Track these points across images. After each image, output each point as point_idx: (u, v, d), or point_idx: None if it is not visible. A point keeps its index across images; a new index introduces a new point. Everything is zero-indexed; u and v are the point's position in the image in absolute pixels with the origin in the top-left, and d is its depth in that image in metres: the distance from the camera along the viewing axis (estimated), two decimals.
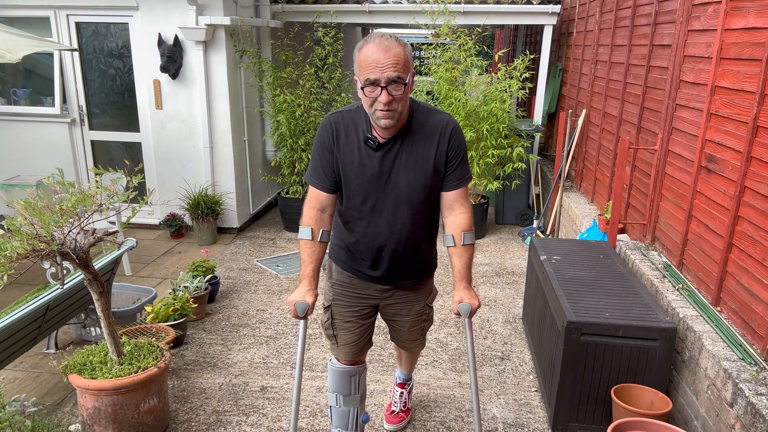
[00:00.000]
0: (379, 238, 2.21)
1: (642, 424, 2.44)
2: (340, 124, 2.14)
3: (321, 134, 2.15)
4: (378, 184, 2.12)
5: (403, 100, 1.97)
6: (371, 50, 1.91)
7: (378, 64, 1.89)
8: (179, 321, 3.65)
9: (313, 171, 2.18)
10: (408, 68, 1.95)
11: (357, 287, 2.38)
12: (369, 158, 2.10)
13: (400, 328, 2.51)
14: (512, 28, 9.93)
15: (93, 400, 2.65)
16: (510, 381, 3.41)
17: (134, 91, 5.78)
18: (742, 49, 2.69)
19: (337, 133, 2.12)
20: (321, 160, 2.15)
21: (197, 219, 5.60)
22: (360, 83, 1.97)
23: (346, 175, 2.14)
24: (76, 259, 2.47)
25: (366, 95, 1.95)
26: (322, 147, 2.15)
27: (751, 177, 2.56)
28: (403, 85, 1.93)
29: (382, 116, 1.97)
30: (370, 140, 2.08)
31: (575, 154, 5.63)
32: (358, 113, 2.13)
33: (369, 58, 1.91)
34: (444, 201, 2.21)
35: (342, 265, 2.38)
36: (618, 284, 3.11)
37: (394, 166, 2.11)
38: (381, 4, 6.39)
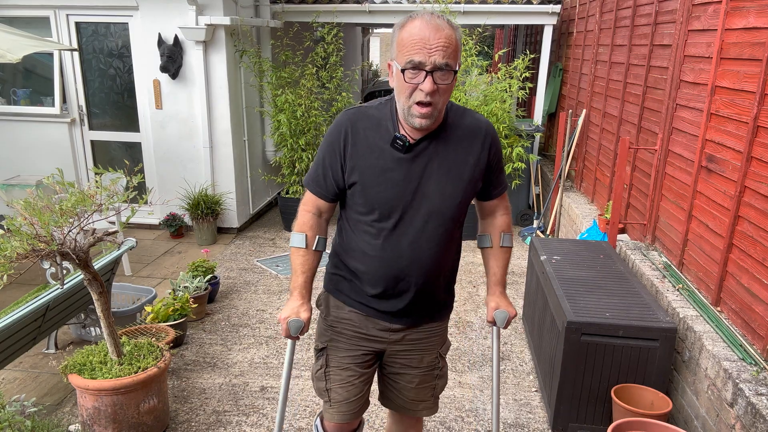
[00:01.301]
0: (400, 262, 1.79)
1: (642, 424, 2.44)
2: (358, 122, 1.77)
3: (332, 133, 1.79)
4: (404, 194, 1.74)
5: (446, 94, 1.65)
6: (418, 27, 1.58)
7: (426, 45, 1.56)
8: (179, 321, 3.65)
9: (315, 176, 1.84)
10: (458, 56, 1.63)
11: (361, 326, 1.93)
12: (395, 162, 1.73)
13: (407, 384, 2.03)
14: (512, 28, 9.93)
15: (93, 400, 2.65)
16: (510, 381, 3.41)
17: (134, 91, 5.77)
18: (743, 49, 2.69)
19: (353, 133, 1.76)
20: (326, 164, 1.80)
21: (197, 219, 5.59)
22: (398, 66, 1.62)
23: (363, 183, 1.75)
24: (76, 259, 2.47)
25: (406, 80, 1.60)
26: (330, 149, 1.78)
27: (752, 177, 2.56)
28: (451, 74, 1.61)
29: (419, 114, 1.63)
30: (399, 140, 1.71)
31: (575, 154, 5.63)
32: (382, 110, 1.79)
33: (415, 36, 1.57)
34: (484, 209, 1.98)
35: (343, 299, 1.94)
36: (618, 284, 3.11)
37: (426, 172, 1.74)
38: (381, 4, 6.39)
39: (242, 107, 5.93)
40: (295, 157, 5.93)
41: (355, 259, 1.86)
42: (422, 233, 1.77)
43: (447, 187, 1.76)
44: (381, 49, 22.87)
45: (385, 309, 1.88)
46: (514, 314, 1.99)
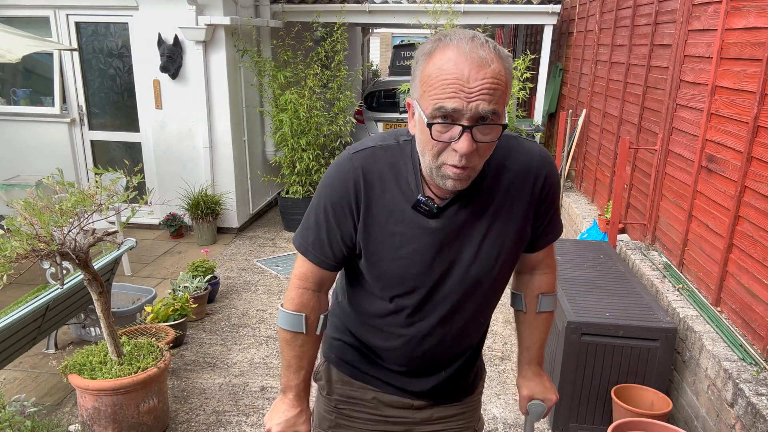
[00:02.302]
0: (427, 341, 1.39)
1: (642, 424, 2.43)
2: (372, 171, 1.26)
3: (335, 187, 1.28)
4: (432, 268, 1.30)
5: (489, 152, 1.17)
6: (454, 61, 1.07)
7: (464, 86, 1.07)
8: (179, 321, 3.64)
9: (315, 240, 1.33)
10: (507, 101, 1.14)
11: (376, 407, 1.50)
12: (420, 229, 1.27)
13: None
14: (512, 28, 9.93)
15: (93, 401, 2.65)
16: (510, 381, 3.41)
17: (134, 91, 5.77)
18: (743, 49, 2.69)
19: (366, 187, 1.26)
20: (330, 225, 1.30)
21: (197, 219, 5.59)
22: (422, 114, 1.12)
23: (378, 253, 1.30)
24: (76, 259, 2.47)
25: (433, 136, 1.11)
26: (335, 208, 1.28)
27: (752, 177, 2.56)
28: (498, 129, 1.12)
29: (453, 175, 1.15)
30: (423, 206, 1.25)
31: (575, 154, 5.63)
32: (399, 155, 1.28)
33: (448, 74, 1.07)
34: (526, 262, 1.51)
35: (349, 371, 1.51)
36: (618, 284, 3.11)
37: (460, 240, 1.29)
38: (381, 4, 6.39)
39: (242, 107, 5.93)
40: (296, 157, 5.93)
41: (367, 331, 1.44)
42: (456, 308, 1.35)
43: (489, 255, 1.31)
44: (381, 49, 22.88)
45: (407, 387, 1.47)
46: (554, 401, 1.58)
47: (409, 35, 19.36)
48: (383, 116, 8.48)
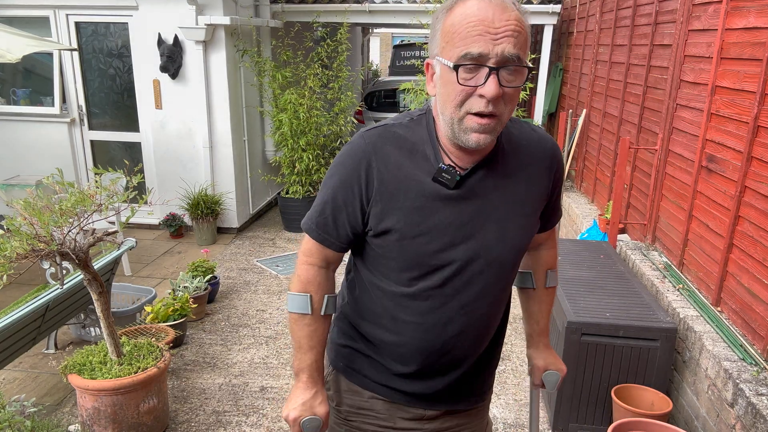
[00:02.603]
0: (448, 330, 1.31)
1: (642, 424, 2.43)
2: (384, 147, 1.25)
3: (345, 164, 1.27)
4: (455, 244, 1.26)
5: (513, 102, 1.17)
6: (477, 6, 1.10)
7: (489, 28, 1.08)
8: (179, 321, 3.64)
9: (320, 219, 1.31)
10: (527, 50, 1.16)
11: (387, 418, 1.43)
12: (442, 202, 1.24)
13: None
14: None
15: (92, 401, 2.65)
16: (510, 381, 3.41)
17: (134, 91, 5.77)
18: (743, 49, 2.69)
19: (379, 164, 1.24)
20: (338, 204, 1.28)
21: (197, 219, 5.59)
22: (446, 63, 1.13)
23: (396, 231, 1.25)
24: (76, 259, 2.46)
25: (460, 81, 1.11)
26: (344, 184, 1.27)
27: (752, 177, 2.56)
28: (524, 72, 1.14)
29: (477, 126, 1.14)
30: (445, 174, 1.22)
31: (575, 154, 5.63)
32: (416, 130, 1.27)
33: (472, 18, 1.09)
34: (535, 240, 1.48)
35: (361, 381, 1.45)
36: (618, 284, 3.11)
37: (482, 212, 1.26)
38: (381, 4, 6.39)
39: (242, 107, 5.93)
40: (296, 157, 5.93)
41: (379, 326, 1.37)
42: (479, 292, 1.30)
43: (510, 230, 1.28)
44: (381, 49, 22.87)
45: (418, 391, 1.40)
46: (565, 372, 1.64)
47: (409, 35, 19.36)
48: (383, 116, 8.49)
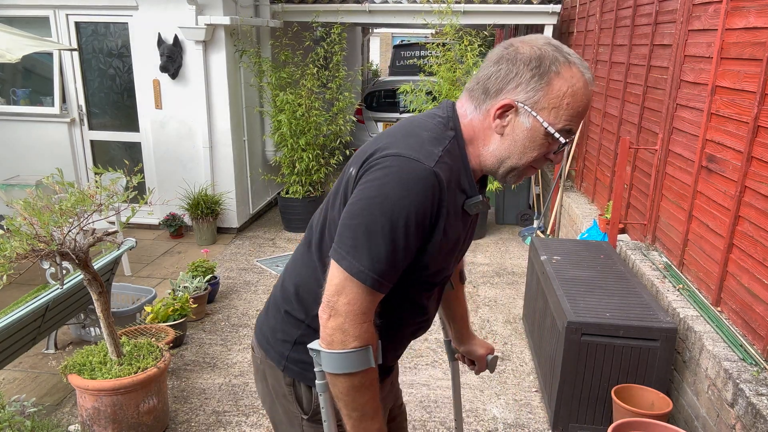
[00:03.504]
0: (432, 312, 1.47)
1: (642, 424, 2.43)
2: (448, 181, 1.20)
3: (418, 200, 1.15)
4: (457, 252, 1.39)
5: None
6: (583, 91, 1.19)
7: (584, 114, 1.23)
8: (179, 321, 3.64)
9: (389, 267, 1.18)
10: None
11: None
12: (463, 224, 1.33)
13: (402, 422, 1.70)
14: (512, 28, 9.92)
15: (92, 401, 2.65)
16: (510, 381, 3.41)
17: (134, 90, 5.77)
18: (743, 49, 2.69)
19: (443, 200, 1.19)
20: (406, 248, 1.18)
21: (197, 219, 5.59)
22: (548, 126, 1.18)
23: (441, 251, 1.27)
24: (76, 259, 2.46)
25: (549, 147, 1.22)
26: (416, 224, 1.17)
27: (752, 177, 2.56)
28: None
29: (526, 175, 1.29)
30: (480, 206, 1.30)
31: (576, 154, 5.63)
32: (455, 155, 1.24)
33: (580, 101, 1.19)
34: None
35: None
36: (618, 284, 3.11)
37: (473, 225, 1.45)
38: (381, 4, 6.39)
39: (242, 107, 5.93)
40: (295, 157, 5.93)
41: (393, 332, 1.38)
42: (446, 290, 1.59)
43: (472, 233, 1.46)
44: (381, 49, 22.87)
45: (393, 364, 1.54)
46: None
47: (409, 35, 19.36)
48: (383, 116, 8.48)
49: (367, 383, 1.20)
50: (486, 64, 1.24)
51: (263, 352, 1.44)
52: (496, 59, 1.22)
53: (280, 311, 1.41)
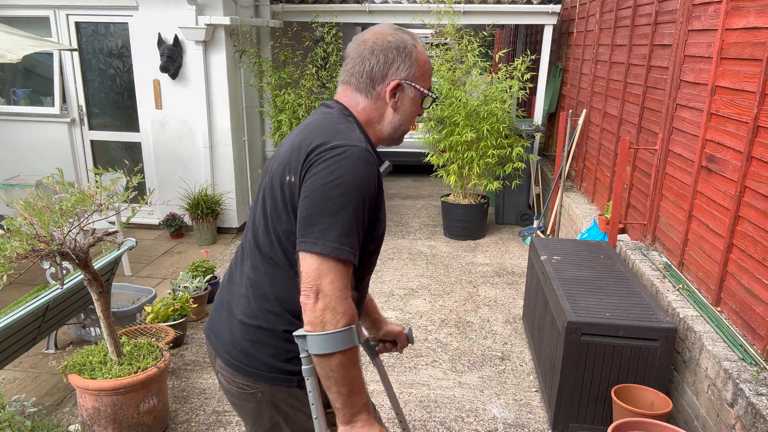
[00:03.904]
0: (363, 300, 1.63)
1: (642, 424, 2.43)
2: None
3: (368, 179, 1.33)
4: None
5: None
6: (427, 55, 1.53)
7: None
8: (179, 321, 3.64)
9: (356, 240, 1.31)
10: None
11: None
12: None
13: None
14: (512, 28, 9.92)
15: (93, 401, 2.65)
16: (510, 381, 3.41)
17: (134, 91, 5.77)
18: (743, 49, 2.69)
19: (378, 171, 1.40)
20: (362, 220, 1.33)
21: (197, 219, 5.59)
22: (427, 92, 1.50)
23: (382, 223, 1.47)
24: (76, 259, 2.46)
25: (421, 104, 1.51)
26: (366, 198, 1.33)
27: (752, 177, 2.56)
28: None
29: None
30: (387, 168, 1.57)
31: (575, 154, 5.63)
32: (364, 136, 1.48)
33: (431, 64, 1.54)
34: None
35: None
36: (618, 284, 3.11)
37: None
38: (381, 4, 6.39)
39: (242, 107, 5.93)
40: None
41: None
42: None
43: None
44: None
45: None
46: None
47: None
48: None
49: (354, 360, 1.29)
50: (358, 59, 1.46)
51: (267, 385, 1.45)
52: (369, 52, 1.45)
53: (277, 335, 1.43)
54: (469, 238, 5.95)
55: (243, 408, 1.54)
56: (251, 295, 1.46)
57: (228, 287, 1.56)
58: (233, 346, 1.47)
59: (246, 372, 1.45)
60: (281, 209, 1.37)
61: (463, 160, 5.73)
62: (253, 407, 1.50)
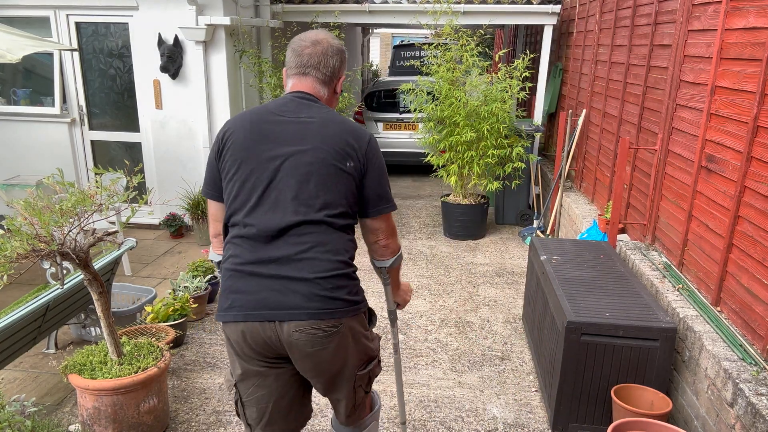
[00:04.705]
0: None
1: (642, 424, 2.44)
2: None
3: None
4: None
5: None
6: None
7: None
8: (179, 321, 3.65)
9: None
10: None
11: None
12: None
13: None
14: (512, 28, 9.93)
15: (93, 400, 2.65)
16: (510, 381, 3.41)
17: (134, 91, 5.77)
18: (743, 49, 2.69)
19: None
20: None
21: (197, 219, 5.59)
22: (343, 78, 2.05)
23: None
24: (76, 259, 2.47)
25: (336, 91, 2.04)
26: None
27: (752, 177, 2.56)
28: None
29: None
30: None
31: (575, 154, 5.63)
32: None
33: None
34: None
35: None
36: (618, 284, 3.11)
37: None
38: (381, 4, 6.39)
39: (242, 107, 5.93)
40: None
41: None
42: None
43: None
44: (381, 49, 22.87)
45: None
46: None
47: (409, 35, 19.35)
48: (383, 116, 8.48)
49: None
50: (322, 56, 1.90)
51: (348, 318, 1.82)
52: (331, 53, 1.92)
53: (348, 276, 1.83)
54: (469, 238, 5.95)
55: (325, 347, 1.79)
56: (318, 256, 1.76)
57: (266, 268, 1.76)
58: (311, 301, 1.74)
59: (331, 314, 1.76)
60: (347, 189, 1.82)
61: (463, 160, 5.74)
62: (337, 342, 1.80)
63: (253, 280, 1.75)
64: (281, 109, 1.85)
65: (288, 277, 1.73)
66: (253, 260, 1.76)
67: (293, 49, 1.91)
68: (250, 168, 1.79)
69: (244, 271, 1.77)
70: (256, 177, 1.77)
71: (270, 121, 1.83)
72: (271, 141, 1.79)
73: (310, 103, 1.87)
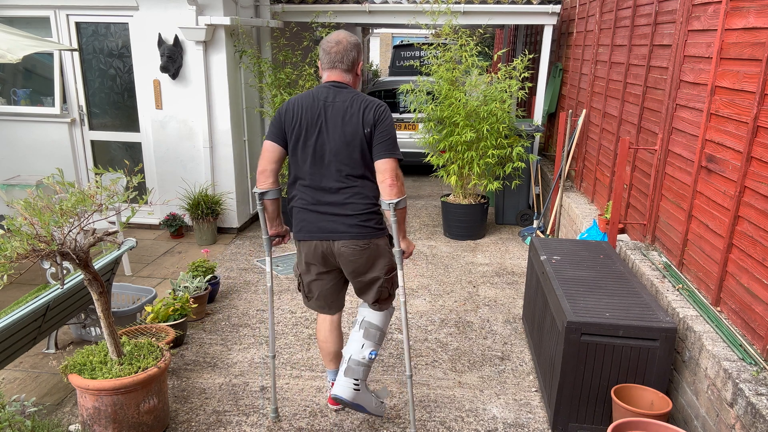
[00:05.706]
0: None
1: (642, 424, 2.44)
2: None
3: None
4: None
5: None
6: None
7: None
8: (179, 321, 3.65)
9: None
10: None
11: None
12: None
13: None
14: (512, 28, 9.93)
15: (93, 400, 2.65)
16: (510, 381, 3.41)
17: (134, 91, 5.78)
18: (743, 49, 2.69)
19: None
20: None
21: (197, 219, 5.60)
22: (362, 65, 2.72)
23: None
24: (76, 259, 2.47)
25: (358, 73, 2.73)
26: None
27: (752, 177, 2.56)
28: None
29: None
30: None
31: (575, 154, 5.63)
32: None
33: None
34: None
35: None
36: (618, 284, 3.11)
37: None
38: (381, 4, 6.39)
39: (242, 107, 5.93)
40: None
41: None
42: None
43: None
44: (381, 49, 22.88)
45: None
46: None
47: (409, 35, 19.36)
48: None
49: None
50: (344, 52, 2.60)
51: (376, 239, 2.69)
52: (350, 48, 2.61)
53: (375, 212, 2.67)
54: (469, 238, 5.95)
55: (361, 257, 2.68)
56: (356, 199, 2.63)
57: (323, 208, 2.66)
58: (352, 227, 2.63)
59: (365, 235, 2.66)
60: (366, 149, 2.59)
61: (463, 160, 5.74)
62: (369, 253, 2.69)
63: (312, 215, 2.67)
64: (322, 95, 2.61)
65: (337, 214, 2.64)
66: (314, 202, 2.66)
67: (323, 49, 2.61)
68: (306, 138, 2.61)
69: (308, 209, 2.68)
70: (311, 145, 2.60)
71: (316, 106, 2.60)
72: (319, 118, 2.59)
73: (341, 89, 2.61)
